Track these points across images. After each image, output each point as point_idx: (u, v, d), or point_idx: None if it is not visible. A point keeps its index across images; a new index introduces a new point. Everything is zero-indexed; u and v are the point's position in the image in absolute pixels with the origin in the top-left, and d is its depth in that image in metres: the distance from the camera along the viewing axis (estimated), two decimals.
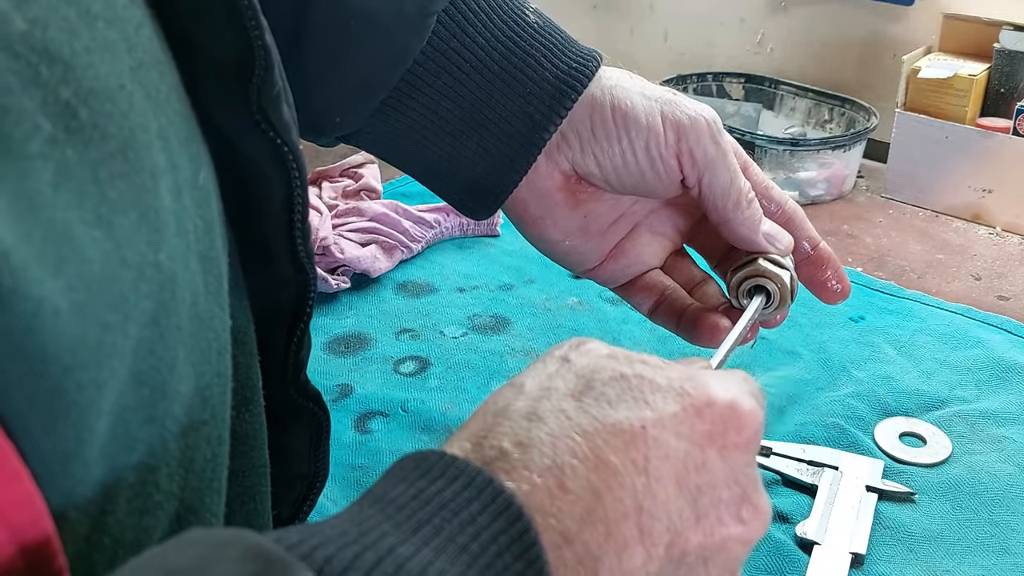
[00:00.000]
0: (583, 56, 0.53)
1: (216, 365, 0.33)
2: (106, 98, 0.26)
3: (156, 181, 0.28)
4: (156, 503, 0.29)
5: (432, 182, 0.56)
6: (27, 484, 0.23)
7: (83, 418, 0.24)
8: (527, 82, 0.52)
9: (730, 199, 0.51)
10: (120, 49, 0.28)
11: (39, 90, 0.24)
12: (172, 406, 0.29)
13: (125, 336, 0.26)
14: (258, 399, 0.40)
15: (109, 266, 0.25)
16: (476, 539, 0.29)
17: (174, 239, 0.29)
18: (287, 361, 0.45)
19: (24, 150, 0.23)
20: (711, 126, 0.51)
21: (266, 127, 0.37)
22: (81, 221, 0.24)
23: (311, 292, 0.44)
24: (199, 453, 0.32)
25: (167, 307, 0.28)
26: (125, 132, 0.27)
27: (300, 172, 0.40)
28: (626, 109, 0.52)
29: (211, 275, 0.32)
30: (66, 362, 0.23)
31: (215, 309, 0.33)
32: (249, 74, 0.36)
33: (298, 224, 0.41)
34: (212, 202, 0.34)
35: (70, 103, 0.25)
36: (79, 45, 0.26)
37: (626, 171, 0.53)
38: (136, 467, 0.28)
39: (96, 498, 0.26)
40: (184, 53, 0.33)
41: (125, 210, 0.26)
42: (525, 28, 0.53)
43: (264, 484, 0.42)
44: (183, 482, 0.31)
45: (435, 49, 0.52)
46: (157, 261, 0.27)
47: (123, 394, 0.26)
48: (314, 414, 0.49)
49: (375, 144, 0.56)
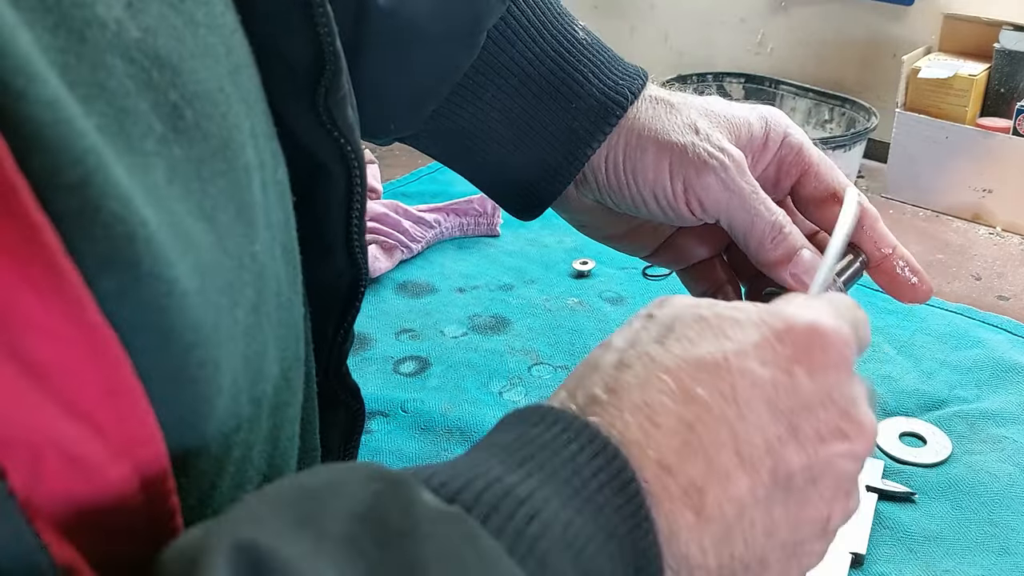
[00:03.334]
0: (629, 75, 0.54)
1: (295, 350, 0.34)
2: (208, 100, 0.28)
3: (250, 178, 0.30)
4: (249, 478, 0.31)
5: (481, 184, 0.59)
6: (152, 423, 0.24)
7: (203, 394, 0.26)
8: (574, 97, 0.53)
9: (752, 239, 0.51)
10: (219, 54, 0.29)
11: (151, 92, 0.25)
12: (266, 387, 0.31)
13: (235, 321, 0.28)
14: (313, 387, 0.42)
15: (215, 255, 0.27)
16: (577, 474, 0.30)
17: (264, 232, 0.30)
18: (331, 352, 0.47)
19: (142, 147, 0.25)
20: (724, 172, 0.50)
21: (331, 127, 0.39)
22: (188, 214, 0.26)
23: (362, 285, 0.46)
24: (283, 432, 0.34)
25: (263, 295, 0.30)
26: (224, 132, 0.28)
27: (360, 171, 0.42)
28: (636, 158, 0.52)
29: (290, 265, 0.34)
30: (189, 340, 0.25)
31: (293, 297, 0.34)
32: (319, 77, 0.38)
33: (355, 220, 0.43)
34: (288, 197, 0.35)
35: (177, 105, 0.26)
36: (185, 51, 0.27)
37: (645, 211, 0.54)
38: (241, 443, 0.30)
39: (209, 471, 0.28)
40: (260, 56, 0.35)
41: (224, 205, 0.28)
42: (575, 44, 0.54)
43: None
44: (270, 459, 0.33)
45: (485, 63, 0.54)
46: (253, 252, 0.29)
47: (237, 376, 0.28)
48: (350, 407, 0.50)
49: (428, 147, 0.59)
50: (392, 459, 0.65)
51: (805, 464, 0.34)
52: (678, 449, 0.32)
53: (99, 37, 0.24)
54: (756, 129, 0.53)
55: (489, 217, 0.94)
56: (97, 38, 0.24)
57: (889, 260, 0.53)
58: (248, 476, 0.31)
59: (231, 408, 0.28)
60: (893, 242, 0.53)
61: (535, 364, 0.74)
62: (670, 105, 0.53)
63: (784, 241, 0.50)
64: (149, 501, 0.25)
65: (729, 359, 0.34)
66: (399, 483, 0.27)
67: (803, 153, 0.53)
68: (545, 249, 0.92)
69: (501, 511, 0.28)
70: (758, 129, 0.53)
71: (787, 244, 0.50)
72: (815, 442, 0.34)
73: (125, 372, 0.23)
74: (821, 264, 0.48)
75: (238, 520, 0.25)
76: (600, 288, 0.86)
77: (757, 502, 0.33)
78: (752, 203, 0.50)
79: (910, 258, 0.53)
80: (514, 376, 0.73)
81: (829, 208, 0.52)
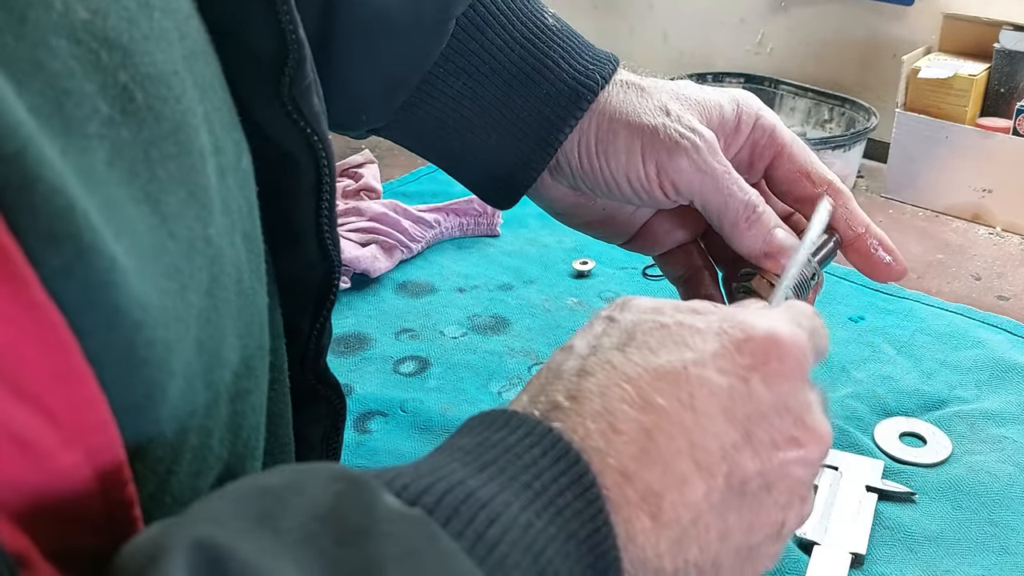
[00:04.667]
0: (599, 60, 0.54)
1: (258, 338, 0.35)
2: (161, 83, 0.28)
3: (204, 162, 0.30)
4: (209, 466, 0.31)
5: (456, 173, 0.59)
6: (104, 410, 0.24)
7: (154, 376, 0.26)
8: (544, 83, 0.53)
9: (726, 219, 0.50)
10: (173, 38, 0.29)
11: (99, 74, 0.25)
12: (224, 373, 0.31)
13: (187, 304, 0.28)
14: (284, 380, 0.42)
15: (158, 238, 0.27)
16: (538, 478, 0.31)
17: (220, 217, 0.30)
18: (308, 346, 0.47)
19: (83, 129, 0.24)
20: (696, 152, 0.50)
21: (297, 117, 0.39)
22: (130, 197, 0.26)
23: (336, 278, 0.46)
24: (245, 420, 0.33)
25: (218, 279, 0.30)
26: (177, 116, 0.28)
27: (328, 161, 0.42)
28: (608, 142, 0.52)
29: (252, 253, 0.34)
30: (136, 318, 0.25)
31: (256, 285, 0.34)
32: (282, 66, 0.38)
33: (325, 211, 0.43)
34: (252, 186, 0.35)
35: (127, 87, 0.26)
36: (137, 33, 0.27)
37: (619, 195, 0.54)
38: (198, 429, 0.29)
39: (165, 457, 0.28)
40: (223, 45, 0.35)
41: (175, 188, 0.28)
42: (544, 30, 0.54)
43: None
44: (231, 447, 0.33)
45: (455, 51, 0.53)
46: (207, 236, 0.29)
47: (190, 360, 0.28)
48: (331, 401, 0.50)
49: (401, 137, 0.58)
50: (391, 459, 0.65)
51: (759, 470, 0.35)
52: (637, 456, 0.33)
53: (42, 18, 0.24)
54: (728, 112, 0.53)
55: (489, 217, 0.94)
56: (40, 19, 0.24)
57: (862, 239, 0.53)
58: (208, 464, 0.31)
59: (185, 393, 0.28)
60: (866, 221, 0.53)
61: (534, 364, 0.74)
62: (641, 89, 0.53)
63: (758, 221, 0.50)
64: (104, 490, 0.25)
65: (688, 368, 0.35)
66: (361, 484, 0.27)
67: (776, 135, 0.53)
68: (545, 249, 0.92)
69: (462, 514, 0.29)
70: (730, 112, 0.53)
71: (761, 224, 0.50)
72: (770, 449, 0.35)
73: (74, 355, 0.23)
74: (794, 256, 0.48)
75: (197, 518, 0.26)
76: (600, 288, 0.86)
77: (712, 507, 0.34)
78: (725, 183, 0.50)
79: (883, 237, 0.54)
80: (513, 376, 0.73)
81: (803, 189, 0.53)
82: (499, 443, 0.32)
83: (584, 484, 0.31)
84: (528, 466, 0.31)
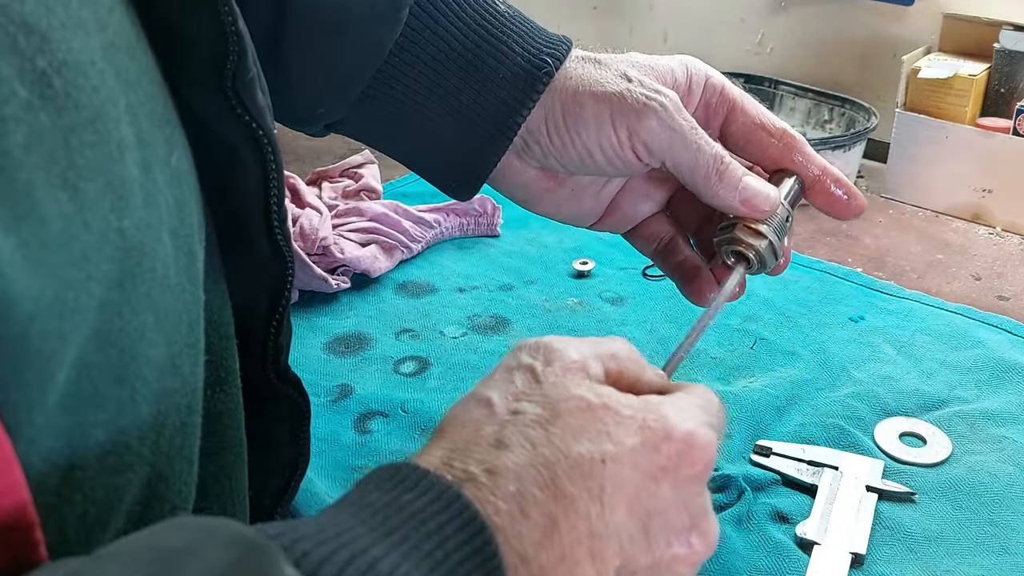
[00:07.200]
0: (553, 42, 0.55)
1: (187, 336, 0.34)
2: (79, 71, 0.28)
3: (123, 153, 0.30)
4: (127, 463, 0.31)
5: (415, 165, 0.59)
6: (7, 450, 0.24)
7: (46, 367, 0.26)
8: (499, 67, 0.54)
9: (698, 174, 0.52)
10: (92, 28, 0.29)
11: (16, 58, 0.25)
12: (142, 369, 0.31)
13: (88, 294, 0.27)
14: (234, 380, 0.42)
15: (70, 227, 0.27)
16: (441, 547, 0.31)
17: (140, 210, 0.30)
18: (266, 345, 0.47)
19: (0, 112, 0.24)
20: (663, 113, 0.51)
21: (241, 111, 0.39)
22: (47, 183, 0.26)
23: (289, 276, 0.46)
24: (169, 419, 0.33)
25: (133, 273, 0.30)
26: (96, 104, 0.28)
27: (275, 156, 0.41)
28: (576, 114, 0.53)
29: (182, 251, 0.34)
30: (28, 310, 0.25)
31: (186, 283, 0.34)
32: (224, 60, 0.37)
33: (274, 208, 0.43)
34: (185, 183, 0.35)
35: (45, 72, 0.26)
36: (55, 20, 0.27)
37: (593, 166, 0.54)
38: (105, 425, 0.29)
39: (62, 449, 0.28)
40: (163, 41, 0.35)
41: (92, 177, 0.28)
42: (496, 15, 0.55)
43: (240, 465, 0.44)
44: (154, 446, 0.32)
45: (409, 40, 0.54)
46: (121, 227, 0.29)
47: (88, 351, 0.28)
48: (293, 400, 0.51)
49: (359, 131, 0.58)
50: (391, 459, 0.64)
51: (649, 565, 0.37)
52: (538, 541, 0.33)
53: None
54: (679, 75, 0.55)
55: (489, 217, 0.94)
56: None
57: (821, 180, 0.55)
58: (125, 461, 0.31)
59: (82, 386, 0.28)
60: (822, 163, 0.55)
61: None
62: (597, 62, 0.54)
63: (727, 170, 0.52)
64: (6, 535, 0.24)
65: (606, 462, 0.35)
66: (260, 553, 0.27)
67: (726, 91, 0.55)
68: (545, 249, 0.92)
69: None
70: (681, 75, 0.55)
71: (730, 173, 0.52)
72: (663, 546, 0.37)
73: None
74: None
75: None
76: (600, 288, 0.86)
77: None
78: (693, 138, 0.51)
79: (839, 176, 0.55)
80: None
81: (760, 140, 0.55)
82: (407, 506, 0.32)
83: (486, 555, 0.32)
84: (432, 533, 0.31)
